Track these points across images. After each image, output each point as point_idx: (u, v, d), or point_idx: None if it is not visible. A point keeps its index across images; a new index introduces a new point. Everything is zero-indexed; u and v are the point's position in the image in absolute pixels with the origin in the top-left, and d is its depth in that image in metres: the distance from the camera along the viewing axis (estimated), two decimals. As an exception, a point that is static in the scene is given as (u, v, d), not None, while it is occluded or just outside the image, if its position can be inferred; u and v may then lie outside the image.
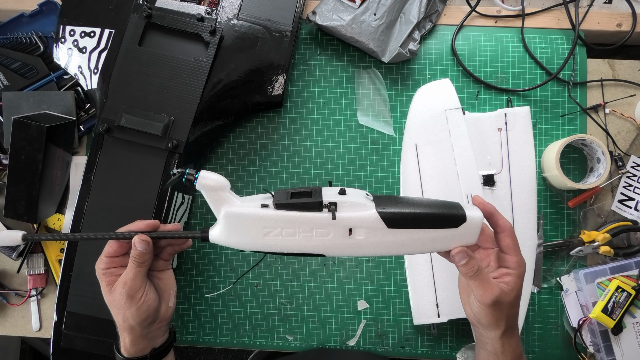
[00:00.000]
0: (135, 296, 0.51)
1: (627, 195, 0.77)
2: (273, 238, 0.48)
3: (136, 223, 0.53)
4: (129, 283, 0.51)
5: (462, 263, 0.49)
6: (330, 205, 0.47)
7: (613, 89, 0.81)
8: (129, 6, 0.73)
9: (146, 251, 0.51)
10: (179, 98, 0.70)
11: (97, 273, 0.53)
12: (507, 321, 0.51)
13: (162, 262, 0.56)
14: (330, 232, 0.47)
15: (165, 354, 0.56)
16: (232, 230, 0.48)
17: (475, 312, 0.51)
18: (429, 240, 0.49)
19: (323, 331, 0.77)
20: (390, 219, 0.47)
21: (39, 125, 0.70)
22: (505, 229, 0.51)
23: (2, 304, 0.79)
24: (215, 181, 0.48)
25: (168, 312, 0.56)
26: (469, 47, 0.82)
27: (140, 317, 0.52)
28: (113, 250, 0.53)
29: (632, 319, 0.72)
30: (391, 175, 0.80)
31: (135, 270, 0.51)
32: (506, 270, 0.51)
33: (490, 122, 0.78)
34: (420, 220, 0.47)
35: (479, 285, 0.49)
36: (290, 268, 0.79)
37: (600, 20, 0.82)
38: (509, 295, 0.50)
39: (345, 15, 0.77)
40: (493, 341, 0.52)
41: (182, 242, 0.56)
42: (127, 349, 0.53)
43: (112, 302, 0.52)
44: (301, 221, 0.47)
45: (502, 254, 0.52)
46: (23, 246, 0.77)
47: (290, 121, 0.81)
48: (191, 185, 0.47)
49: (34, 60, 0.80)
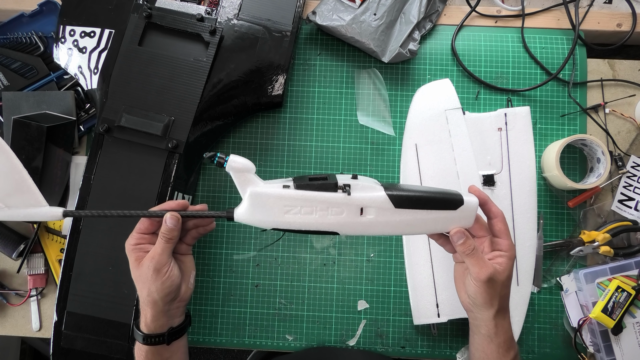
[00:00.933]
0: (161, 270, 0.54)
1: (627, 195, 0.77)
2: (292, 216, 0.53)
3: (167, 203, 0.57)
4: (156, 257, 0.54)
5: (460, 242, 0.54)
6: (345, 187, 0.52)
7: (613, 89, 0.81)
8: (129, 6, 0.73)
9: (175, 227, 0.54)
10: (179, 98, 0.70)
11: (127, 249, 0.56)
12: (500, 301, 0.55)
13: (185, 246, 0.59)
14: (344, 211, 0.52)
15: (181, 334, 0.59)
16: (256, 208, 0.53)
17: (471, 292, 0.55)
18: (431, 221, 0.54)
19: (323, 331, 0.77)
20: (397, 199, 0.52)
21: (39, 125, 0.70)
22: (498, 215, 0.57)
23: (2, 304, 0.79)
24: (243, 164, 0.53)
25: (187, 292, 0.59)
26: (469, 47, 0.82)
27: (164, 292, 0.55)
28: (144, 227, 0.56)
29: (632, 319, 0.72)
30: (391, 175, 0.80)
31: (163, 245, 0.54)
32: (499, 253, 0.55)
33: (490, 122, 0.78)
34: (423, 201, 0.53)
35: (475, 262, 0.54)
36: (290, 268, 0.79)
37: (600, 20, 0.82)
38: (502, 275, 0.54)
39: (345, 15, 0.77)
40: (487, 322, 0.56)
41: (207, 224, 0.60)
42: (147, 324, 0.56)
43: (139, 276, 0.55)
44: (318, 200, 0.52)
45: (495, 239, 0.56)
46: (23, 246, 0.77)
47: (290, 121, 0.81)
48: (221, 167, 0.52)
49: (34, 60, 0.80)
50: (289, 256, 0.79)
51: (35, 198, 0.53)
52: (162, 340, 0.56)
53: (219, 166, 0.52)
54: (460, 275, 0.58)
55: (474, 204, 0.55)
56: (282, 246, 0.79)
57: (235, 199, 0.80)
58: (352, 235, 0.56)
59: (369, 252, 0.79)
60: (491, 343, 0.56)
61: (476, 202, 0.55)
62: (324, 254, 0.79)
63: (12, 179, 0.52)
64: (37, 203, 0.53)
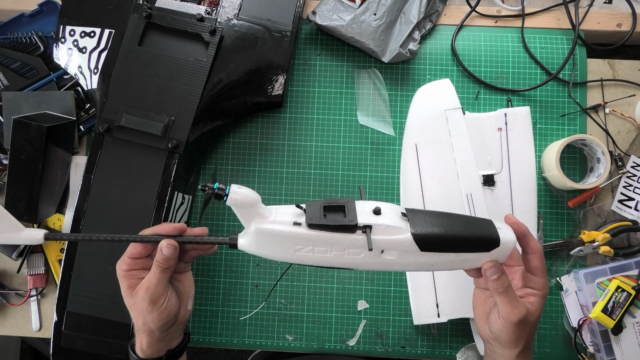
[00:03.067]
0: (157, 302, 0.50)
1: (627, 195, 0.77)
2: (304, 254, 0.47)
3: (163, 226, 0.51)
4: (152, 289, 0.50)
5: (494, 278, 0.49)
6: (365, 228, 0.45)
7: (613, 89, 0.81)
8: (129, 6, 0.73)
9: (172, 256, 0.50)
10: (179, 98, 0.70)
11: (118, 274, 0.52)
12: (527, 341, 0.51)
13: (182, 264, 0.55)
14: (362, 252, 0.47)
15: (180, 355, 0.56)
16: (263, 243, 0.47)
17: (496, 329, 0.51)
18: (459, 261, 0.49)
19: (323, 331, 0.77)
20: (424, 242, 0.46)
21: (39, 125, 0.70)
22: (536, 251, 0.52)
23: (2, 304, 0.79)
24: (246, 197, 0.46)
25: (186, 315, 0.55)
26: (469, 47, 0.82)
27: (161, 322, 0.51)
28: (137, 252, 0.51)
29: (632, 319, 0.72)
30: (391, 175, 0.80)
31: (159, 275, 0.50)
32: (531, 291, 0.51)
33: (490, 122, 0.78)
34: (453, 245, 0.47)
35: (508, 302, 0.49)
36: (290, 268, 0.79)
37: (600, 20, 0.82)
38: (534, 316, 0.50)
39: (345, 15, 0.77)
40: (507, 359, 0.52)
41: (207, 248, 0.55)
42: (143, 350, 0.53)
43: (133, 305, 0.51)
44: (334, 241, 0.46)
45: (529, 275, 0.52)
46: (23, 246, 0.77)
47: (290, 121, 0.81)
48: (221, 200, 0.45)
49: (34, 60, 0.80)
50: (289, 256, 0.79)
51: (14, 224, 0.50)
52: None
53: (218, 199, 0.45)
54: (481, 303, 0.54)
55: (510, 245, 0.49)
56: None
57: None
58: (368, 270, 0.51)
59: (369, 252, 0.79)
60: None
61: (513, 242, 0.50)
62: (324, 254, 0.79)
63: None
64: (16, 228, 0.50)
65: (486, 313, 0.53)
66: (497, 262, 0.49)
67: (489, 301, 0.53)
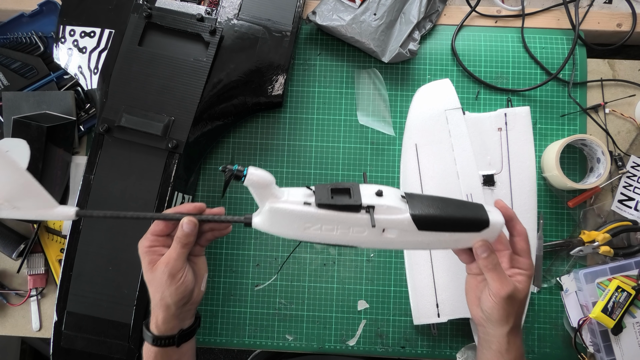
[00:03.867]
0: (176, 276, 0.53)
1: (627, 195, 0.77)
2: (313, 232, 0.51)
3: (184, 206, 0.55)
4: (171, 263, 0.53)
5: (484, 256, 0.52)
6: (369, 208, 0.50)
7: (613, 89, 0.81)
8: (129, 6, 0.73)
9: (192, 233, 0.53)
10: (179, 98, 0.70)
11: (140, 251, 0.55)
12: (516, 318, 0.54)
13: (198, 247, 0.58)
14: (365, 231, 0.51)
15: (191, 336, 0.59)
16: (275, 222, 0.51)
17: (487, 307, 0.54)
18: (453, 241, 0.53)
19: (323, 331, 0.77)
20: (421, 222, 0.51)
21: (39, 125, 0.70)
22: (522, 234, 0.56)
23: (2, 304, 0.79)
24: (262, 178, 0.50)
25: (199, 295, 0.58)
26: (469, 47, 0.82)
27: (178, 297, 0.54)
28: (159, 229, 0.55)
29: (632, 319, 0.72)
30: (391, 175, 0.80)
31: (179, 250, 0.53)
32: (518, 271, 0.55)
33: (490, 122, 0.78)
34: (447, 225, 0.52)
35: (497, 278, 0.52)
36: (290, 268, 0.79)
37: (600, 20, 0.82)
38: (522, 293, 0.53)
39: (345, 15, 0.77)
40: (499, 338, 0.54)
41: (224, 227, 0.59)
42: (158, 326, 0.55)
43: (152, 279, 0.54)
44: (340, 220, 0.50)
45: (515, 256, 0.56)
46: (23, 246, 0.77)
47: (290, 121, 0.81)
48: (238, 181, 0.49)
49: (34, 60, 0.80)
50: (289, 256, 0.79)
51: (47, 199, 0.52)
52: (172, 342, 0.56)
53: (236, 180, 0.49)
54: (473, 288, 0.57)
55: (498, 226, 0.53)
56: (282, 246, 0.79)
57: (236, 199, 0.80)
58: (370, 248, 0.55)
59: (369, 252, 0.79)
60: (502, 359, 0.55)
61: (501, 224, 0.54)
62: (324, 254, 0.79)
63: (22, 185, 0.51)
64: (50, 205, 0.52)
65: (478, 297, 0.56)
66: (487, 242, 0.53)
67: (480, 285, 0.56)
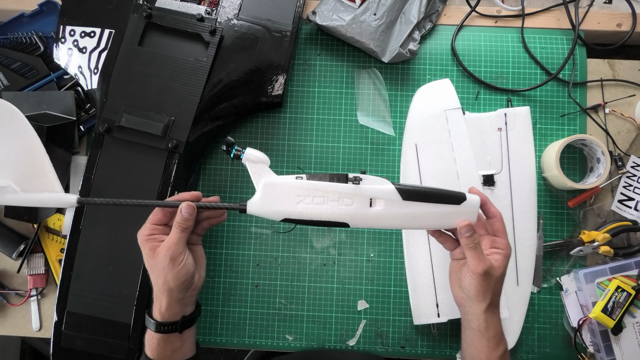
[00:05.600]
0: (177, 259, 0.55)
1: (627, 195, 0.77)
2: (304, 206, 0.55)
3: (181, 194, 0.58)
4: (172, 247, 0.55)
5: (467, 234, 0.56)
6: (355, 178, 0.55)
7: (613, 89, 0.81)
8: (129, 6, 0.73)
9: (190, 217, 0.56)
10: (179, 98, 0.70)
11: (140, 240, 0.57)
12: (492, 295, 0.57)
13: (195, 236, 0.61)
14: (354, 202, 0.55)
15: (192, 323, 0.60)
16: (269, 198, 0.55)
17: (466, 285, 0.57)
18: (437, 215, 0.57)
19: (323, 331, 0.77)
20: (405, 192, 0.56)
21: (39, 125, 0.70)
22: (496, 215, 0.59)
23: (2, 304, 0.79)
24: (258, 157, 0.56)
25: (200, 281, 0.60)
26: (469, 47, 0.82)
27: (180, 280, 0.56)
28: (157, 218, 0.58)
29: (632, 319, 0.72)
30: (391, 175, 0.80)
31: (178, 235, 0.55)
32: (496, 250, 0.58)
33: (490, 122, 0.78)
34: (429, 195, 0.56)
35: (475, 256, 0.56)
36: (290, 268, 0.79)
37: (600, 20, 0.82)
38: (497, 271, 0.57)
39: (345, 15, 0.77)
40: (477, 316, 0.57)
41: (219, 215, 0.62)
42: (161, 312, 0.57)
43: (155, 265, 0.56)
44: (330, 190, 0.55)
45: (493, 238, 0.59)
46: (23, 246, 0.77)
47: (290, 121, 0.81)
48: (237, 159, 0.55)
49: (34, 60, 0.80)
50: (289, 256, 0.79)
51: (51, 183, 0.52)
52: (175, 329, 0.57)
53: (236, 158, 0.55)
54: (456, 270, 0.60)
55: (476, 200, 0.58)
56: (282, 246, 0.79)
57: (236, 199, 0.80)
58: (361, 227, 0.57)
59: (369, 252, 0.79)
60: (482, 337, 0.58)
61: (478, 199, 0.58)
62: (324, 254, 0.79)
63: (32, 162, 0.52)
64: (52, 188, 0.53)
65: (459, 279, 0.59)
66: (471, 222, 0.57)
67: (462, 268, 0.59)
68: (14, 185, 0.53)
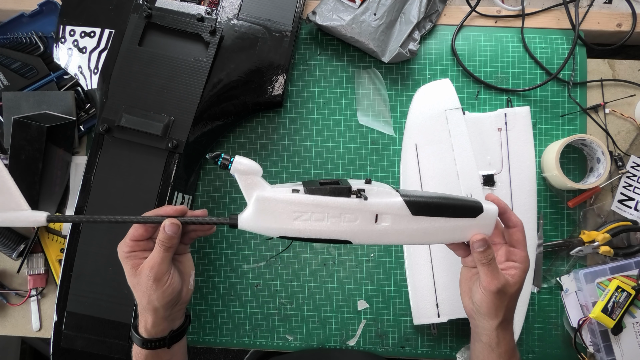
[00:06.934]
0: (161, 280, 0.51)
1: (627, 195, 0.77)
2: (302, 222, 0.49)
3: (164, 208, 0.53)
4: (155, 267, 0.51)
5: (481, 250, 0.51)
6: (359, 191, 0.49)
7: (613, 89, 0.81)
8: (129, 6, 0.73)
9: (175, 235, 0.51)
10: (179, 98, 0.70)
11: (120, 256, 0.53)
12: (506, 312, 0.53)
13: (182, 246, 0.56)
14: (357, 218, 0.49)
15: (182, 336, 0.57)
16: (262, 214, 0.49)
17: (477, 300, 0.53)
18: (449, 229, 0.51)
19: (323, 331, 0.77)
20: (415, 205, 0.49)
21: (39, 125, 0.70)
22: (517, 225, 0.54)
23: (2, 304, 0.79)
24: (249, 167, 0.49)
25: (188, 294, 0.56)
26: (469, 47, 0.82)
27: (165, 300, 0.52)
28: (138, 234, 0.53)
29: (632, 319, 0.72)
30: (391, 175, 0.80)
31: (162, 254, 0.51)
32: (512, 264, 0.53)
33: (490, 122, 0.78)
34: (442, 208, 0.50)
35: (489, 272, 0.51)
36: (290, 268, 0.79)
37: (600, 20, 0.82)
38: (513, 287, 0.52)
39: (345, 15, 0.77)
40: (489, 332, 0.54)
41: (207, 229, 0.57)
42: (147, 329, 0.54)
43: (137, 284, 0.52)
44: (330, 205, 0.48)
45: (511, 249, 0.55)
46: (23, 246, 0.77)
47: (290, 121, 0.81)
48: (225, 169, 0.49)
49: (34, 60, 0.80)
50: (289, 256, 0.79)
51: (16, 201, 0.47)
52: (163, 344, 0.54)
53: (223, 168, 0.49)
54: (467, 279, 0.56)
55: (493, 212, 0.52)
56: (282, 246, 0.79)
57: (236, 199, 0.80)
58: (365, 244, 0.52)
59: (369, 252, 0.79)
60: (492, 352, 0.54)
61: (496, 211, 0.53)
62: (324, 254, 0.79)
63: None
64: (18, 206, 0.48)
65: (470, 288, 0.55)
66: (485, 236, 0.51)
67: (473, 278, 0.55)
68: None
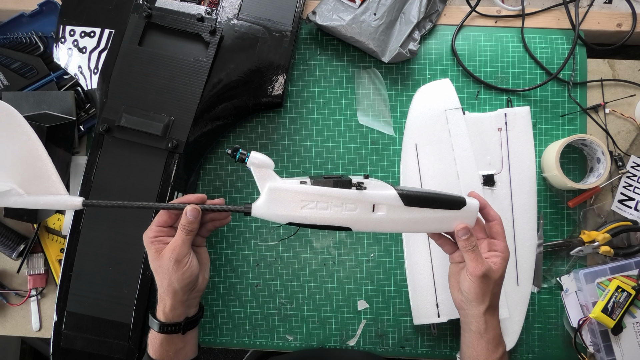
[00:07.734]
0: (182, 261, 0.56)
1: (627, 195, 0.77)
2: (308, 211, 0.55)
3: (186, 196, 0.59)
4: (177, 249, 0.56)
5: (465, 237, 0.57)
6: (359, 184, 0.56)
7: (613, 89, 0.81)
8: (129, 6, 0.73)
9: (196, 220, 0.56)
10: (179, 98, 0.70)
11: (145, 242, 0.57)
12: (491, 298, 0.58)
13: (199, 238, 0.61)
14: (357, 207, 0.56)
15: (195, 324, 0.61)
16: (274, 202, 0.55)
17: (465, 287, 0.58)
18: (437, 219, 0.57)
19: (323, 331, 0.77)
20: (407, 197, 0.56)
21: (38, 125, 0.70)
22: (495, 218, 0.60)
23: (2, 304, 0.79)
24: (263, 161, 0.56)
25: (204, 283, 0.61)
26: (469, 47, 0.82)
27: (185, 282, 0.56)
28: (163, 220, 0.58)
29: (632, 319, 0.72)
30: (391, 175, 0.80)
31: (183, 237, 0.56)
32: (494, 253, 0.59)
33: (490, 122, 0.78)
34: (430, 200, 0.57)
35: (473, 258, 0.57)
36: (290, 268, 0.79)
37: (600, 20, 0.82)
38: (496, 273, 0.57)
39: (345, 15, 0.77)
40: (477, 318, 0.58)
41: (223, 217, 0.62)
42: (165, 313, 0.57)
43: (160, 267, 0.56)
44: (334, 196, 0.55)
45: (492, 241, 0.60)
46: (23, 246, 0.77)
47: (290, 121, 0.81)
48: (242, 163, 0.55)
49: (34, 60, 0.80)
50: (289, 256, 0.79)
51: (55, 186, 0.52)
52: (178, 329, 0.58)
53: (240, 162, 0.55)
54: (455, 273, 0.61)
55: (475, 205, 0.59)
56: (282, 246, 0.79)
57: (236, 199, 0.80)
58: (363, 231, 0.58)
59: (369, 252, 0.79)
60: (481, 339, 0.58)
61: (477, 205, 0.59)
62: (324, 254, 0.79)
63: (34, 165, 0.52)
64: (56, 191, 0.53)
65: (458, 282, 0.60)
66: (467, 225, 0.57)
67: (461, 272, 0.59)
68: (17, 188, 0.53)
